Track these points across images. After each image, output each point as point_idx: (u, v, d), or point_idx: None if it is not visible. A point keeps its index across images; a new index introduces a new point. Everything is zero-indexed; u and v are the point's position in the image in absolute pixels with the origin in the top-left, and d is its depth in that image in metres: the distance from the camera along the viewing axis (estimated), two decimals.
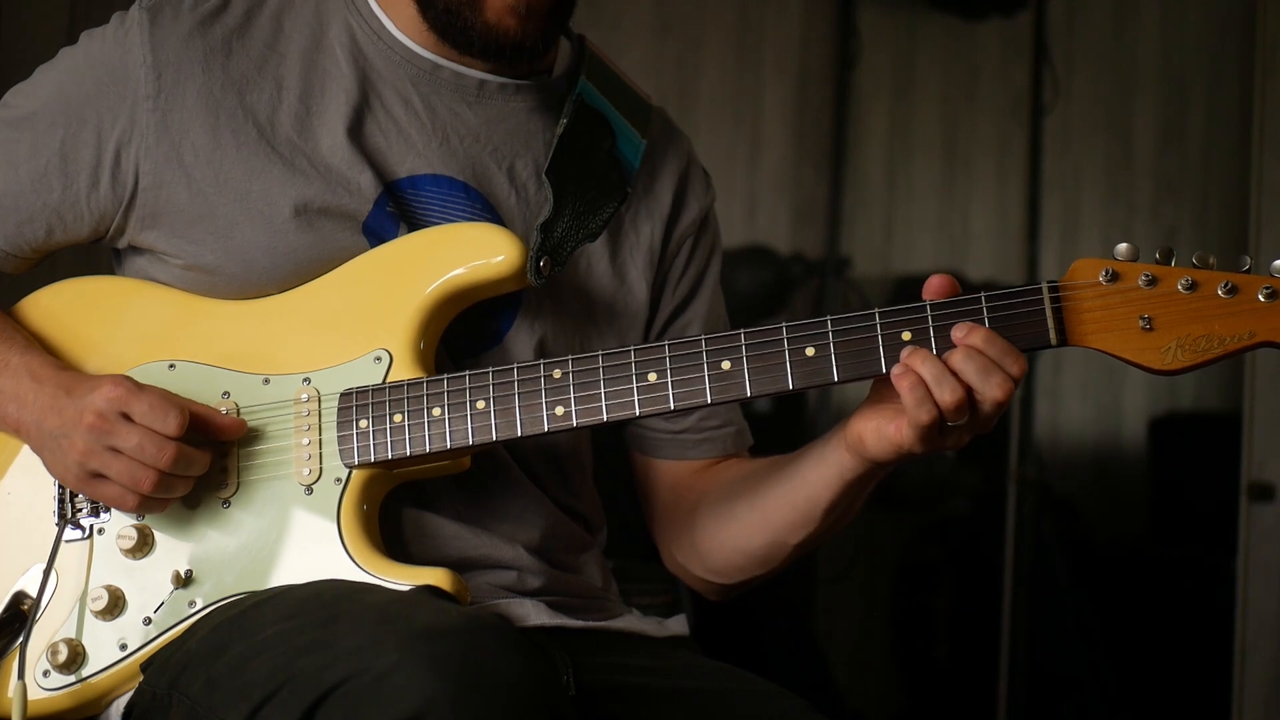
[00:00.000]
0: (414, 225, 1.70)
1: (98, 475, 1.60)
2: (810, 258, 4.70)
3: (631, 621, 1.80)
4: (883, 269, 4.88)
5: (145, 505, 1.62)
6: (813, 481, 1.67)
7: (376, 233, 1.69)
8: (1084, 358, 4.33)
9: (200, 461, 1.62)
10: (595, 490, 1.85)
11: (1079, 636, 4.44)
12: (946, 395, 1.49)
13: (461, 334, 1.71)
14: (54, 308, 1.77)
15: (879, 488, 1.71)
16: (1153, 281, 1.49)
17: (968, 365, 1.49)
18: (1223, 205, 5.06)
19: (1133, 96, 5.11)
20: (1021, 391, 4.54)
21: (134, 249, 1.76)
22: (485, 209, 1.73)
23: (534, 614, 1.69)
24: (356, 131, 1.69)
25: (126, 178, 1.69)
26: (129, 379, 1.62)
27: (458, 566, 1.62)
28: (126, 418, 1.59)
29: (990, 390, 1.49)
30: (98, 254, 1.89)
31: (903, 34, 4.91)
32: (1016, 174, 4.85)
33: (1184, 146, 5.12)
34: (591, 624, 1.74)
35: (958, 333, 1.50)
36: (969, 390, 1.49)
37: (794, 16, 4.77)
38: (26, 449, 1.70)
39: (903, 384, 1.50)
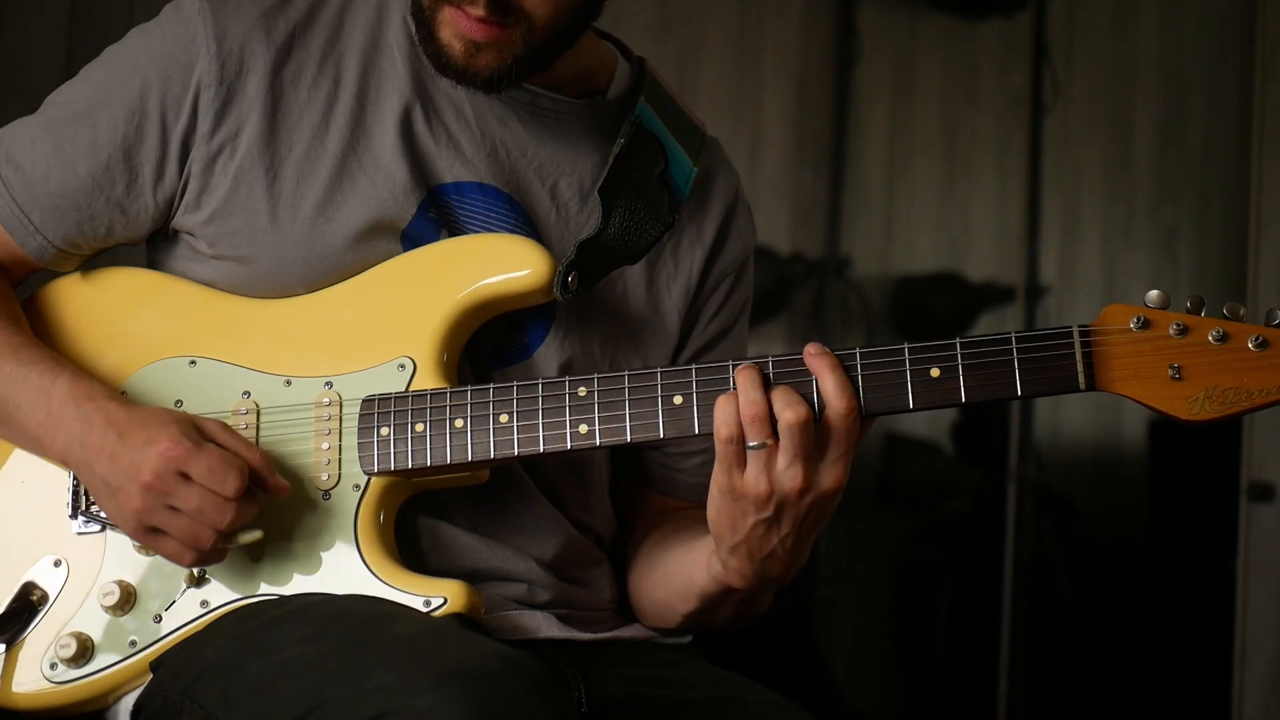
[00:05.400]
0: (455, 232, 1.69)
1: (156, 530, 1.57)
2: (810, 258, 4.69)
3: (638, 630, 1.79)
4: (883, 269, 4.87)
5: (202, 560, 1.59)
6: (695, 560, 1.67)
7: (416, 240, 1.68)
8: None
9: (253, 513, 1.58)
10: (610, 505, 1.84)
11: (1079, 636, 4.44)
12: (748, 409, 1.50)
13: (489, 345, 1.70)
14: (74, 298, 1.76)
15: (879, 487, 1.70)
16: (1184, 331, 1.49)
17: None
18: (1223, 205, 5.06)
19: (1133, 96, 5.11)
20: None
21: (171, 236, 1.74)
22: (526, 223, 1.72)
23: (544, 626, 1.68)
24: (408, 133, 1.68)
25: (186, 165, 1.67)
26: (184, 436, 1.56)
27: (470, 577, 1.61)
28: (185, 476, 1.54)
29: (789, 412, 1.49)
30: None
31: (903, 34, 4.90)
32: (1016, 174, 4.85)
33: (1184, 146, 5.12)
34: (600, 636, 1.73)
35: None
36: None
37: (794, 16, 4.76)
38: None
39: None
